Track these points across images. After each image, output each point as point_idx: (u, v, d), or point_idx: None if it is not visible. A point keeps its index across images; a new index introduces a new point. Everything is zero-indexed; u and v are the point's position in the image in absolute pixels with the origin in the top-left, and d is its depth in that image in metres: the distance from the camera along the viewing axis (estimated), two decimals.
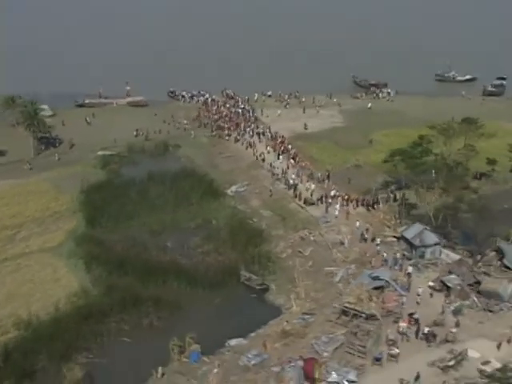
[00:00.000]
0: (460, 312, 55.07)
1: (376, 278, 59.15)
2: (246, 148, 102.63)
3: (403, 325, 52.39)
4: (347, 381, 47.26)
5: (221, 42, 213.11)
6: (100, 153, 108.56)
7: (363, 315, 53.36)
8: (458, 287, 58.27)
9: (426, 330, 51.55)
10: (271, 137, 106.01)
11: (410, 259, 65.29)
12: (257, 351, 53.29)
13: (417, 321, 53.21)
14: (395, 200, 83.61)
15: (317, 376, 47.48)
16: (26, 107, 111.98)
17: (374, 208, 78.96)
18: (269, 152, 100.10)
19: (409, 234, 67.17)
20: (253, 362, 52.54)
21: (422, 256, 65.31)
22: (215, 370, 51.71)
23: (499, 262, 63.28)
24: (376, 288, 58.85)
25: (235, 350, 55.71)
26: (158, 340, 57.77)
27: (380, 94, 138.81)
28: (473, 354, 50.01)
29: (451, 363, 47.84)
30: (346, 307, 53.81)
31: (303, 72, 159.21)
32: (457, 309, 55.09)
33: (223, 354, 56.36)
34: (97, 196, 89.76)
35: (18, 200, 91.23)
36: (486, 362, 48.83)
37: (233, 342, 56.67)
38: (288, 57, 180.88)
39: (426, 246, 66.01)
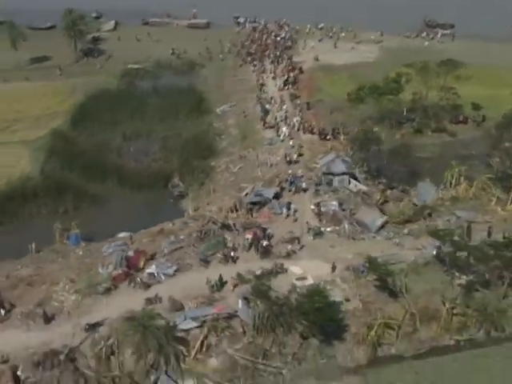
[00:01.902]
0: (319, 235, 57.70)
1: (258, 195, 62.57)
2: (257, 73, 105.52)
3: (248, 236, 56.31)
4: (163, 273, 52.08)
5: None
6: (130, 66, 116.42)
7: (218, 224, 57.58)
8: (331, 212, 60.38)
9: (264, 243, 55.06)
10: (286, 65, 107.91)
11: (318, 184, 66.89)
12: (121, 242, 58.90)
13: (267, 236, 57.46)
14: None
15: (141, 266, 53.08)
16: (67, 18, 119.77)
17: (326, 139, 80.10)
18: (274, 78, 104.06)
19: (322, 162, 69.43)
20: (109, 251, 58.85)
21: (329, 183, 67.16)
22: (80, 252, 57.91)
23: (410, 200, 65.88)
24: (255, 203, 62.03)
25: (116, 240, 61.24)
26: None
27: (439, 35, 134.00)
28: (295, 270, 53.12)
29: (259, 272, 52.58)
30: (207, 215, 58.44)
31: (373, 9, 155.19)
32: (315, 231, 57.81)
33: (97, 243, 62.33)
34: (94, 102, 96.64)
35: (30, 99, 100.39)
36: (302, 278, 52.00)
37: (121, 234, 62.69)
38: None
39: (333, 174, 67.33)
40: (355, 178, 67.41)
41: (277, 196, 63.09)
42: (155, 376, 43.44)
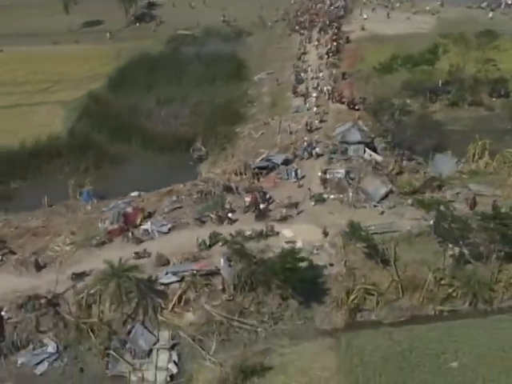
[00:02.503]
0: (320, 201, 59.59)
1: (267, 160, 64.90)
2: (301, 42, 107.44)
3: (247, 199, 58.82)
4: (158, 231, 55.35)
5: None
6: (179, 32, 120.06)
7: (220, 185, 60.34)
8: (336, 180, 62.06)
9: (261, 206, 57.43)
10: (331, 34, 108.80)
11: (333, 153, 68.51)
12: (128, 200, 62.54)
13: (267, 200, 59.31)
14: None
15: (138, 222, 56.54)
16: None
17: (355, 109, 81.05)
18: (317, 47, 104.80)
19: (338, 130, 70.83)
20: (110, 207, 61.70)
21: (344, 152, 68.50)
22: (89, 208, 61.93)
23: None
24: (263, 168, 64.44)
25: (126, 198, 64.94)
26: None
27: (502, 5, 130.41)
28: (286, 233, 55.25)
29: (248, 233, 54.18)
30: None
31: None
32: (316, 197, 59.72)
33: (108, 201, 65.29)
34: (135, 66, 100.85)
35: (76, 61, 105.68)
36: (291, 242, 54.19)
37: (133, 193, 66.35)
38: None
39: (348, 143, 68.67)
40: (374, 148, 66.64)
41: (286, 162, 63.26)
42: (130, 325, 45.02)
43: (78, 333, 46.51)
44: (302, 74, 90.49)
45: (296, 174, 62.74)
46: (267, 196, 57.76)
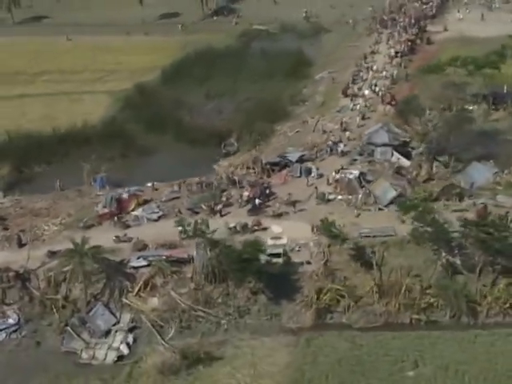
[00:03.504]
0: (323, 200, 64.66)
1: (281, 157, 70.78)
2: (375, 41, 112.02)
3: (245, 194, 64.83)
4: (147, 218, 62.31)
5: None
6: (255, 27, 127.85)
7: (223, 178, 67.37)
8: (346, 180, 66.85)
9: (257, 201, 63.23)
10: (410, 34, 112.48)
11: (360, 154, 73.24)
12: (136, 188, 69.64)
13: (267, 195, 64.32)
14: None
15: (131, 208, 63.93)
16: None
17: None
18: (390, 47, 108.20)
19: (367, 131, 75.35)
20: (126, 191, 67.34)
21: (370, 154, 72.79)
22: (98, 194, 69.89)
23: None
24: (275, 164, 70.31)
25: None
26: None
27: None
28: (275, 229, 60.53)
29: (232, 225, 58.79)
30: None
31: None
32: (321, 197, 64.81)
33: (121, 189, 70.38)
34: (194, 59, 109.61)
35: (138, 53, 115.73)
36: (276, 238, 59.60)
37: (149, 184, 73.86)
38: None
39: (375, 145, 72.72)
40: (406, 152, 69.86)
41: (301, 160, 67.75)
42: (93, 305, 51.34)
43: (41, 308, 52.17)
44: (362, 74, 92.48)
45: (309, 173, 66.13)
46: (267, 192, 61.04)
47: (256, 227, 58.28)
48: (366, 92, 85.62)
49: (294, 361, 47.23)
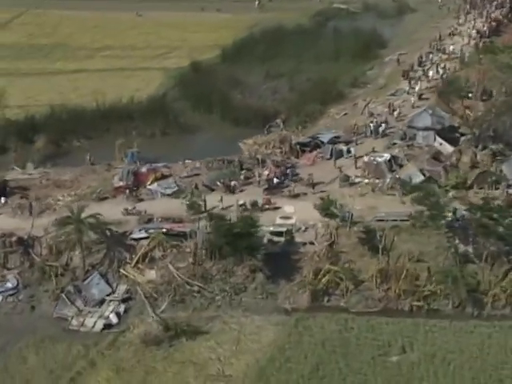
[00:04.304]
0: (346, 182, 69.17)
1: (313, 138, 75.60)
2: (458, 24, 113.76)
3: (265, 173, 70.02)
4: (161, 192, 67.84)
5: None
6: (335, 5, 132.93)
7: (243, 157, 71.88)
8: (374, 164, 71.02)
9: (275, 180, 68.36)
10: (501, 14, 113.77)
11: (403, 138, 76.69)
12: (162, 165, 75.95)
13: (285, 174, 68.28)
14: None
15: (148, 183, 70.42)
16: None
17: None
18: (473, 27, 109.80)
19: (411, 114, 78.83)
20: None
21: (412, 138, 75.93)
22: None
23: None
24: (306, 145, 75.24)
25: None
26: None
27: None
28: (287, 209, 64.91)
29: (241, 202, 62.91)
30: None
31: None
32: (344, 180, 69.36)
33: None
34: (259, 38, 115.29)
35: (206, 30, 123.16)
36: (286, 217, 64.45)
37: (180, 161, 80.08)
38: None
39: (417, 129, 74.87)
40: (453, 138, 72.79)
41: (334, 141, 72.05)
42: (90, 273, 57.33)
43: (40, 274, 57.47)
44: (433, 56, 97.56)
45: (341, 155, 70.97)
46: (288, 172, 65.31)
47: (267, 206, 61.45)
48: (430, 73, 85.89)
49: (278, 339, 50.24)
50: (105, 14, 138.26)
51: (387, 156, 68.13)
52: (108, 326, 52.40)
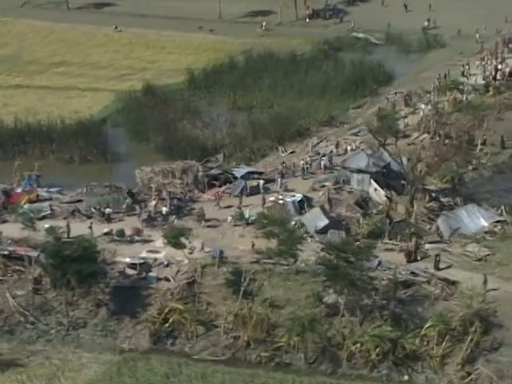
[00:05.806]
0: (240, 221, 77.64)
1: (225, 172, 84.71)
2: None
3: (153, 203, 79.09)
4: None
5: None
6: (353, 34, 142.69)
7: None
8: (280, 204, 79.44)
9: (164, 210, 77.17)
10: None
11: (337, 182, 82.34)
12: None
13: (179, 208, 76.50)
14: None
15: (21, 204, 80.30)
16: None
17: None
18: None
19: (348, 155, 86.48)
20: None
21: (346, 181, 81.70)
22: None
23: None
24: (215, 178, 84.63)
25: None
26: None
27: None
28: (158, 243, 70.52)
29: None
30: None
31: None
32: (236, 217, 77.95)
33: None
34: (238, 64, 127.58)
35: (184, 52, 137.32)
36: (154, 251, 69.81)
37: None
38: None
39: (350, 170, 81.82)
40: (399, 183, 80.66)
41: (246, 177, 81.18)
42: None
43: None
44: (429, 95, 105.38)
45: (256, 191, 79.05)
46: (182, 205, 74.87)
47: (136, 236, 69.23)
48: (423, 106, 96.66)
49: (96, 379, 57.00)
50: (79, 27, 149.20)
51: (299, 196, 74.62)
52: None
